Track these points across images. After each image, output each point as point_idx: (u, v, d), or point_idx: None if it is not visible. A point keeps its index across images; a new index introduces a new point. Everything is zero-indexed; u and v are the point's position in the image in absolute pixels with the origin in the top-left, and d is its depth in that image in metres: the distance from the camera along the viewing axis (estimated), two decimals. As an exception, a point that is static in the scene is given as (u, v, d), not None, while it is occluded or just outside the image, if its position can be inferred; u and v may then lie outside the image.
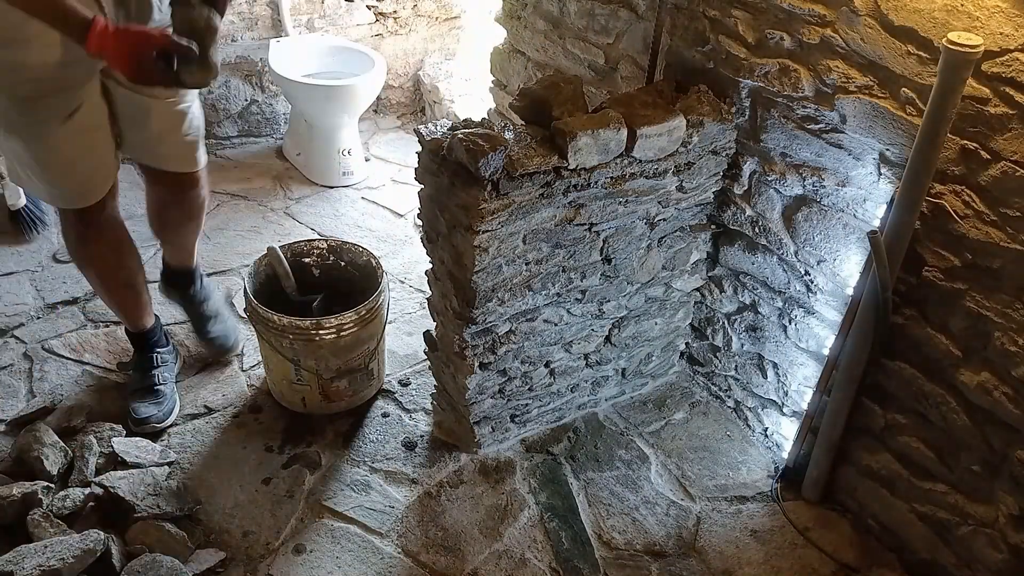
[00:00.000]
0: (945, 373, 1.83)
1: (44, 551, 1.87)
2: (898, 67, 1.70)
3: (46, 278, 2.88)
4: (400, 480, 2.25)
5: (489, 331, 2.08)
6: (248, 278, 2.36)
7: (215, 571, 1.98)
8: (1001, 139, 1.58)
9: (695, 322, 2.49)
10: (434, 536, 2.11)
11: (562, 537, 2.12)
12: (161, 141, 2.16)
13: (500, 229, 1.87)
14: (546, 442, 2.38)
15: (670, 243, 2.22)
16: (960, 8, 1.57)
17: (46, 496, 2.04)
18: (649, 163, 2.00)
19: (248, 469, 2.25)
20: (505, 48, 2.95)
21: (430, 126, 1.94)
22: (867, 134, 1.81)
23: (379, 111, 4.08)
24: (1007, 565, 1.81)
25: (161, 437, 2.31)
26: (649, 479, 2.29)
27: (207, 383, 2.51)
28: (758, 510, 2.22)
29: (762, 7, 1.94)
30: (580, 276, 2.12)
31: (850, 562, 2.09)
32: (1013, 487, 1.76)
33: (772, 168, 2.07)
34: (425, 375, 2.52)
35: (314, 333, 2.23)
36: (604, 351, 2.35)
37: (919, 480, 1.97)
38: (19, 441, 2.17)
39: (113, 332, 2.67)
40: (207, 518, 2.12)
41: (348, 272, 2.51)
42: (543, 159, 1.83)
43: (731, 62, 2.05)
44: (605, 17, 2.41)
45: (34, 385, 2.47)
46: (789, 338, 2.20)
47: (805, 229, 2.04)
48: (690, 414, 2.49)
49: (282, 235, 3.13)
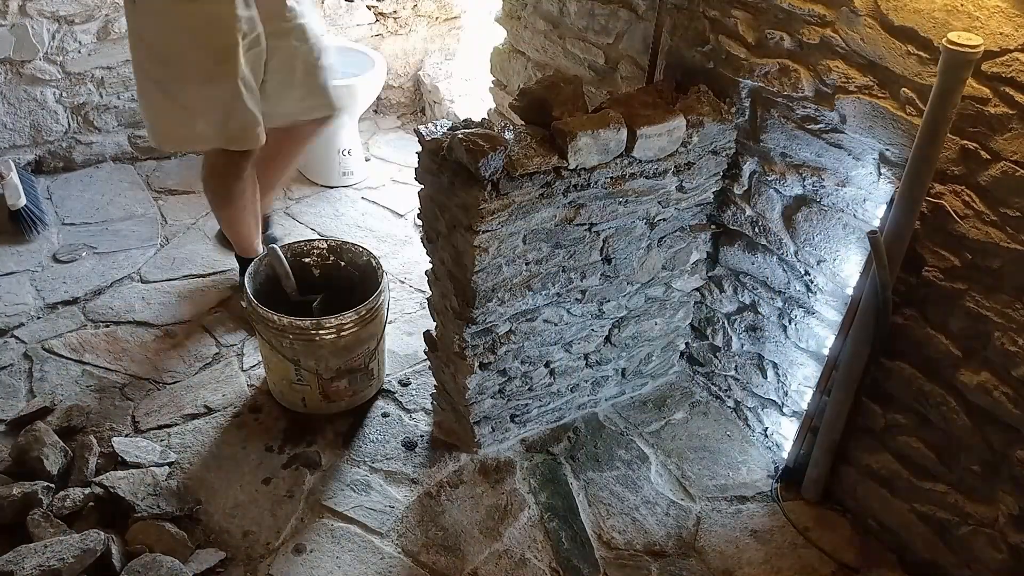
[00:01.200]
0: (945, 373, 1.83)
1: (44, 551, 1.87)
2: (898, 67, 1.70)
3: (46, 278, 2.88)
4: (400, 480, 2.25)
5: (489, 331, 2.08)
6: (248, 278, 2.36)
7: (215, 571, 1.98)
8: (1001, 139, 1.58)
9: (695, 322, 2.49)
10: (434, 536, 2.11)
11: (562, 537, 2.12)
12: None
13: (500, 229, 1.87)
14: (546, 442, 2.38)
15: (670, 243, 2.22)
16: (960, 8, 1.57)
17: (46, 496, 2.04)
18: (649, 163, 2.00)
19: (248, 469, 2.25)
20: (505, 48, 2.95)
21: (430, 126, 1.94)
22: (867, 134, 1.81)
23: (379, 111, 4.08)
24: (1007, 565, 1.81)
25: (161, 438, 2.32)
26: (649, 479, 2.29)
27: (207, 383, 2.51)
28: (758, 510, 2.22)
29: (762, 7, 1.94)
30: (580, 276, 2.12)
31: (850, 562, 2.09)
32: (1013, 487, 1.76)
33: (772, 168, 2.07)
34: (425, 375, 2.52)
35: (314, 333, 2.23)
36: (604, 351, 2.35)
37: (919, 480, 1.97)
38: (19, 441, 2.17)
39: (113, 332, 2.67)
40: (207, 518, 2.12)
41: (348, 272, 2.51)
42: (543, 159, 1.83)
43: (731, 62, 2.05)
44: (605, 17, 2.41)
45: (34, 385, 2.47)
46: (789, 338, 2.20)
47: (805, 229, 2.04)
48: (690, 414, 2.49)
49: (282, 235, 3.12)
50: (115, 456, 2.20)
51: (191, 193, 3.37)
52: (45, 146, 3.39)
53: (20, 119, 3.28)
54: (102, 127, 3.45)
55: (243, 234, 2.69)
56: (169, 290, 2.86)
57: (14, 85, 3.21)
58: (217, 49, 2.18)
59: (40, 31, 3.14)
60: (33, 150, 3.37)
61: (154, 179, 3.45)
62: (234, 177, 2.47)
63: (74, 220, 3.17)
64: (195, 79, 2.23)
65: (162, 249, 3.06)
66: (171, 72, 2.27)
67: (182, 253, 3.04)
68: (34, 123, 3.31)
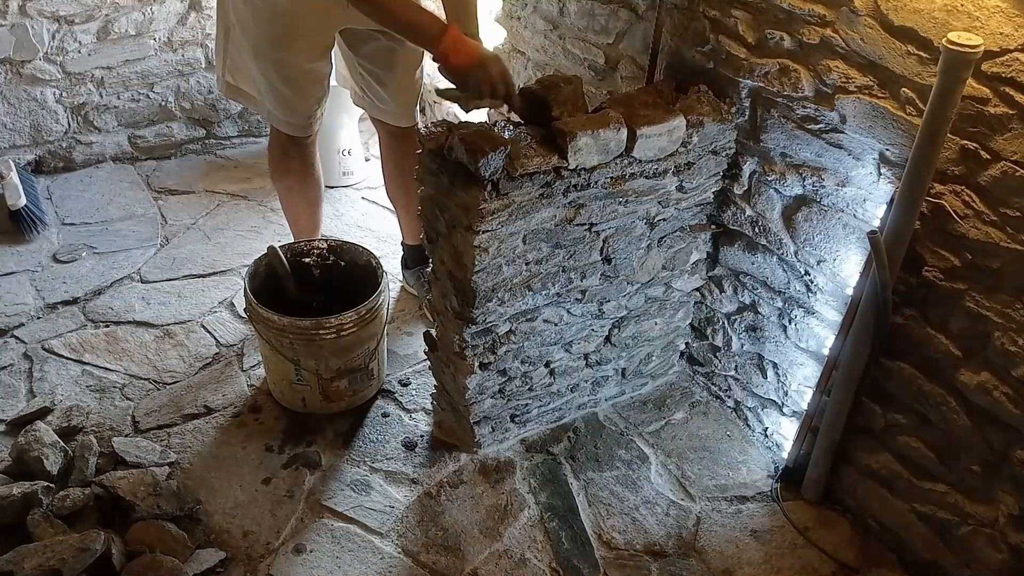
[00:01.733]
0: (945, 373, 1.83)
1: (44, 551, 1.87)
2: (898, 67, 1.70)
3: (46, 278, 2.88)
4: (400, 480, 2.25)
5: (489, 331, 2.08)
6: (248, 278, 2.36)
7: (215, 571, 1.98)
8: (1001, 139, 1.58)
9: (695, 322, 2.49)
10: (434, 536, 2.11)
11: (562, 537, 2.12)
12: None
13: (500, 229, 1.87)
14: (546, 442, 2.38)
15: (670, 243, 2.22)
16: (960, 8, 1.57)
17: (46, 496, 2.04)
18: (649, 163, 2.00)
19: (248, 469, 2.25)
20: (505, 48, 2.95)
21: (430, 126, 1.94)
22: (867, 134, 1.81)
23: (379, 111, 4.07)
24: (1007, 565, 1.81)
25: (161, 438, 2.32)
26: (649, 479, 2.29)
27: (207, 383, 2.51)
28: (758, 510, 2.22)
29: (762, 7, 1.94)
30: (580, 276, 2.12)
31: (850, 562, 2.09)
32: (1013, 487, 1.76)
33: (772, 168, 2.07)
34: (425, 375, 2.52)
35: (314, 333, 2.23)
36: (604, 351, 2.35)
37: (919, 480, 1.97)
38: (19, 441, 2.17)
39: (113, 332, 2.67)
40: (207, 518, 2.12)
41: (348, 272, 2.51)
42: (543, 159, 1.83)
43: (731, 62, 2.04)
44: (605, 17, 2.41)
45: (34, 385, 2.47)
46: (789, 338, 2.20)
47: (805, 229, 2.04)
48: (690, 414, 2.49)
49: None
50: (115, 456, 2.20)
51: (191, 193, 3.38)
52: (45, 146, 3.39)
53: (20, 119, 3.28)
54: (102, 127, 3.45)
55: (289, 217, 2.78)
56: (169, 290, 2.86)
57: (14, 85, 3.21)
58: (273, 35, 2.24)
59: (40, 31, 3.15)
60: (33, 150, 3.37)
61: (154, 179, 3.45)
62: (280, 153, 2.56)
63: (74, 220, 3.17)
64: (248, 49, 2.30)
65: (162, 249, 3.06)
66: (236, 32, 2.34)
67: (182, 253, 3.04)
68: (34, 123, 3.31)
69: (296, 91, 2.36)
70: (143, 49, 3.36)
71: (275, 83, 2.34)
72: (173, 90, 3.50)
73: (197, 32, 3.43)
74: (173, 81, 3.48)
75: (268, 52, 2.28)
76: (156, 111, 3.51)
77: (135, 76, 3.40)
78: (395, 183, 2.74)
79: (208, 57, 3.49)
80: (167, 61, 3.43)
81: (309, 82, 2.37)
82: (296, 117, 2.42)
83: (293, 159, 2.56)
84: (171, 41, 3.40)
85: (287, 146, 2.52)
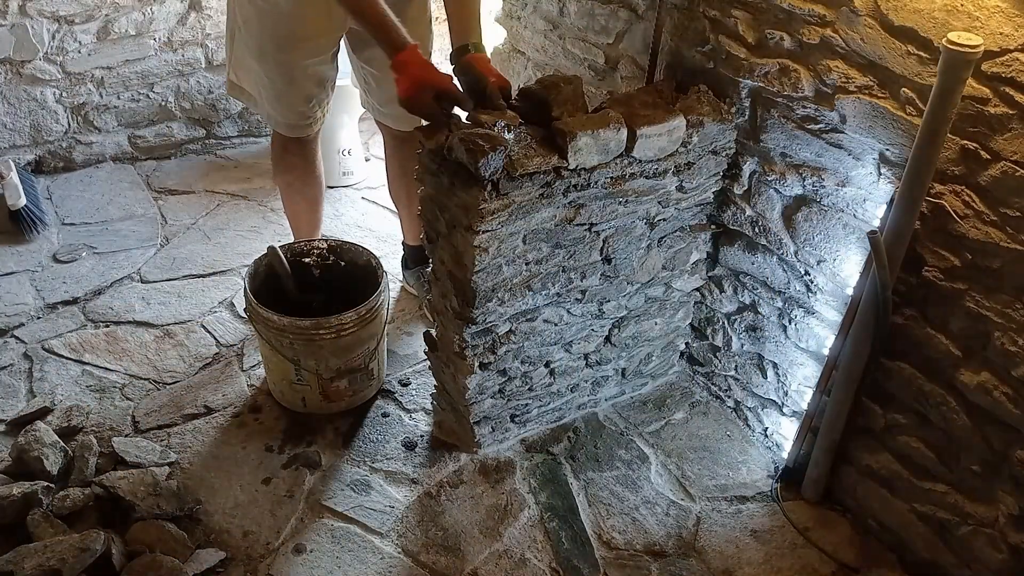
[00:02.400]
0: (945, 373, 1.83)
1: (44, 551, 1.87)
2: (898, 67, 1.70)
3: (46, 278, 2.88)
4: (400, 480, 2.25)
5: (489, 331, 2.08)
6: (248, 278, 2.36)
7: (215, 571, 1.98)
8: (1001, 139, 1.58)
9: (695, 322, 2.49)
10: (434, 536, 2.11)
11: (562, 537, 2.12)
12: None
13: (500, 229, 1.87)
14: (546, 442, 2.38)
15: (670, 243, 2.22)
16: (960, 8, 1.57)
17: (46, 496, 2.04)
18: (649, 163, 2.00)
19: (248, 469, 2.25)
20: (505, 48, 2.95)
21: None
22: (867, 134, 1.81)
23: (379, 111, 4.07)
24: (1007, 565, 1.81)
25: (161, 438, 2.32)
26: (649, 479, 2.29)
27: (207, 383, 2.51)
28: (758, 510, 2.22)
29: (762, 7, 1.94)
30: (580, 276, 2.12)
31: (850, 562, 2.09)
32: (1013, 487, 1.76)
33: (772, 168, 2.07)
34: (425, 375, 2.52)
35: (314, 333, 2.23)
36: (604, 351, 2.35)
37: (919, 480, 1.97)
38: (19, 441, 2.17)
39: (113, 332, 2.67)
40: (207, 518, 2.12)
41: (348, 272, 2.51)
42: (543, 159, 1.83)
43: (731, 62, 2.04)
44: (605, 17, 2.41)
45: (34, 385, 2.47)
46: (789, 338, 2.20)
47: (805, 229, 2.04)
48: (690, 414, 2.49)
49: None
50: (115, 456, 2.20)
51: (191, 193, 3.38)
52: (45, 146, 3.39)
53: (20, 119, 3.28)
54: (102, 127, 3.45)
55: (289, 214, 2.80)
56: (169, 290, 2.86)
57: (14, 85, 3.21)
58: (277, 36, 2.27)
59: (40, 31, 3.14)
60: (33, 150, 3.37)
61: (154, 179, 3.45)
62: (281, 150, 2.59)
63: (74, 220, 3.17)
64: (253, 50, 2.33)
65: (162, 249, 3.06)
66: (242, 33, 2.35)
67: (182, 253, 3.04)
68: (34, 123, 3.31)
69: (297, 93, 2.38)
70: (143, 49, 3.36)
71: (277, 84, 2.35)
72: (173, 90, 3.50)
73: (197, 32, 3.43)
74: (173, 81, 3.48)
75: (272, 53, 2.29)
76: (156, 111, 3.51)
77: (135, 76, 3.40)
78: (398, 185, 2.75)
79: (208, 57, 3.49)
80: (167, 61, 3.43)
81: (311, 84, 2.38)
82: (294, 118, 2.44)
83: (294, 155, 2.57)
84: (171, 41, 3.40)
85: (288, 143, 2.54)
